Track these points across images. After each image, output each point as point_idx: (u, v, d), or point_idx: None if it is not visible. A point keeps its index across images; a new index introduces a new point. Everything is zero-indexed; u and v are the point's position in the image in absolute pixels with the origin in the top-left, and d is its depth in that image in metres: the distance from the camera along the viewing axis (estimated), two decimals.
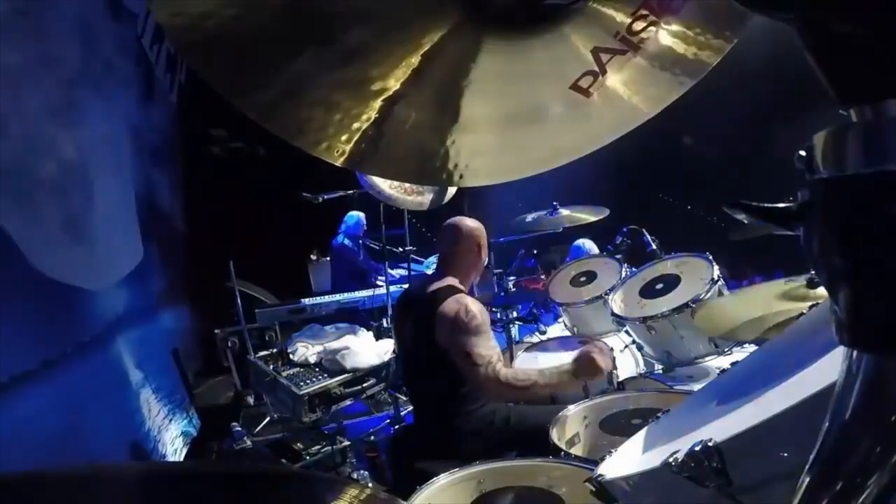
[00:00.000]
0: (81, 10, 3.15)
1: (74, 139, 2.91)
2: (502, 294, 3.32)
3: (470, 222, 2.14)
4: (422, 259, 4.55)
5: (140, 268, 3.72)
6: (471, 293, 2.19)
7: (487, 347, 1.88)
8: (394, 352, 2.91)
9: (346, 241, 4.87)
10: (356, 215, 4.83)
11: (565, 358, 2.43)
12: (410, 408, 3.50)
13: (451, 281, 2.05)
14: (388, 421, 3.47)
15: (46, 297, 2.42)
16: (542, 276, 4.03)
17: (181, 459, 3.24)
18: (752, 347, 1.79)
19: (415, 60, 0.71)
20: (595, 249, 3.75)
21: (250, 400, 4.09)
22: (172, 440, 3.35)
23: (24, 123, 2.46)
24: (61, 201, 2.71)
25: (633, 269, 2.75)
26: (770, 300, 1.63)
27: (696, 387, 2.00)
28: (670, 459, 0.67)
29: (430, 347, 1.93)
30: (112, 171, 3.49)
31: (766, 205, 0.41)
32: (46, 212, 2.56)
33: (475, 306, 1.93)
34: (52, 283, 2.45)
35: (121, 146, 3.80)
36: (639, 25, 0.75)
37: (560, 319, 2.95)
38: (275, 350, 3.00)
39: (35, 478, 0.58)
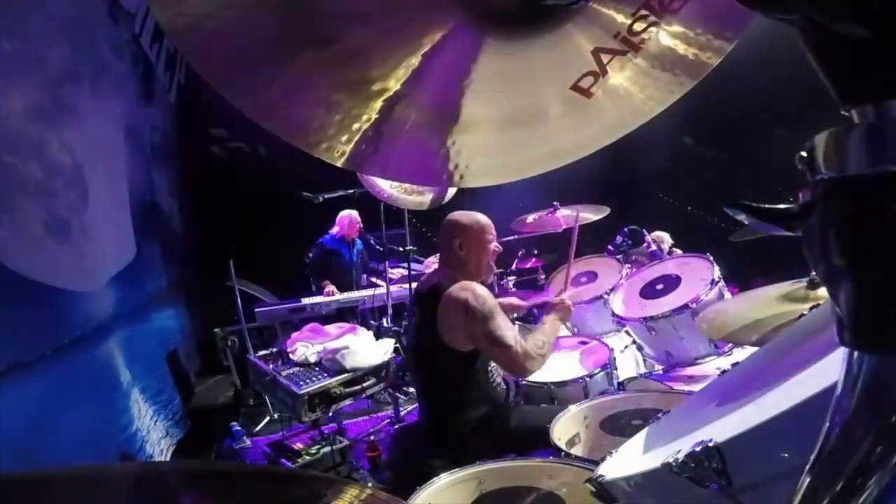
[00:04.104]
0: (73, 10, 3.13)
1: (61, 139, 2.89)
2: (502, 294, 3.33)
3: (460, 215, 2.09)
4: (422, 259, 4.55)
5: (132, 268, 3.71)
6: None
7: (509, 327, 1.87)
8: (394, 351, 2.92)
9: (331, 240, 4.86)
10: (347, 214, 4.81)
11: (565, 358, 2.43)
12: (410, 407, 3.51)
13: (446, 275, 2.03)
14: (388, 421, 3.47)
15: (23, 299, 2.40)
16: (543, 276, 4.02)
17: (166, 460, 3.23)
18: (752, 348, 1.79)
19: (415, 60, 0.71)
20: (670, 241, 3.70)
21: (250, 399, 4.09)
22: (158, 441, 3.34)
23: (6, 123, 2.45)
24: (44, 202, 2.70)
25: (634, 269, 2.75)
26: (771, 302, 1.63)
27: (697, 387, 2.00)
28: (671, 460, 0.67)
29: (431, 344, 1.92)
30: (104, 171, 3.47)
31: (766, 205, 0.41)
32: (27, 213, 2.54)
33: (481, 290, 1.91)
34: (31, 284, 2.43)
35: (115, 146, 3.79)
36: (639, 26, 0.75)
37: None
38: (274, 349, 3.00)
39: (35, 478, 0.58)
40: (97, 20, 3.54)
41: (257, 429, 3.70)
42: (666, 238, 3.67)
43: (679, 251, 3.37)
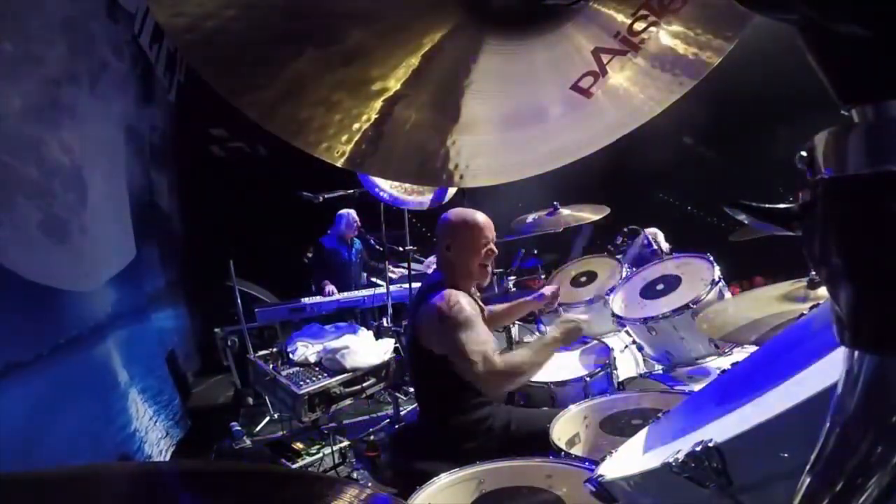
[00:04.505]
0: (71, 10, 3.13)
1: (60, 140, 2.89)
2: (503, 294, 3.33)
3: (451, 215, 1.99)
4: (422, 259, 4.55)
5: (132, 268, 3.71)
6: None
7: (479, 342, 1.75)
8: (394, 351, 2.92)
9: (330, 240, 4.87)
10: (346, 214, 4.82)
11: (565, 358, 2.43)
12: (410, 407, 3.51)
13: (440, 278, 1.98)
14: (388, 421, 3.47)
15: (20, 299, 2.41)
16: (543, 276, 4.02)
17: (165, 460, 3.24)
18: (752, 348, 1.79)
19: (415, 61, 0.71)
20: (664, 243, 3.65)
21: (250, 399, 4.09)
22: (157, 441, 3.33)
23: (4, 123, 2.45)
24: (42, 202, 2.69)
25: (634, 270, 2.75)
26: (771, 302, 1.63)
27: (696, 387, 2.00)
28: (670, 460, 0.67)
29: (417, 349, 1.91)
30: (103, 171, 3.48)
31: (766, 205, 0.41)
32: (25, 213, 2.54)
33: (461, 298, 1.82)
34: (28, 284, 2.44)
35: (114, 146, 3.78)
36: (639, 26, 0.75)
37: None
38: (274, 349, 3.00)
39: (33, 478, 0.58)
40: (96, 20, 3.54)
41: (257, 429, 3.70)
42: (659, 235, 3.66)
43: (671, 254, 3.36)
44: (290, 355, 2.82)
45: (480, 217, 1.98)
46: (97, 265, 3.21)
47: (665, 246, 3.35)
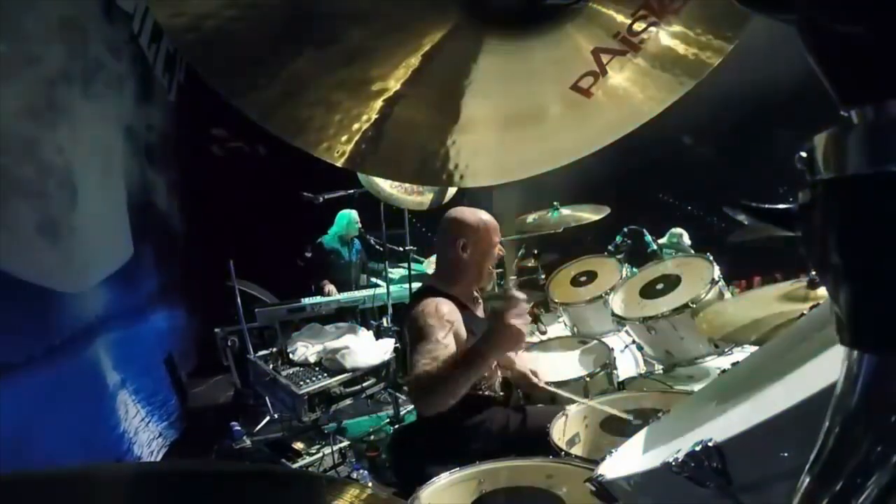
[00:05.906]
0: (68, 10, 3.13)
1: (55, 140, 2.88)
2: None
3: (464, 214, 1.93)
4: (422, 259, 4.55)
5: (130, 268, 3.70)
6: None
7: (423, 352, 1.67)
8: (394, 350, 2.92)
9: (330, 240, 4.87)
10: (347, 214, 4.82)
11: (565, 358, 2.43)
12: (410, 407, 3.51)
13: (433, 282, 1.95)
14: (388, 421, 3.47)
15: (13, 299, 2.41)
16: (543, 276, 4.03)
17: (165, 460, 3.23)
18: (752, 348, 1.79)
19: (415, 61, 0.71)
20: (687, 240, 3.67)
21: (250, 399, 4.09)
22: (149, 442, 3.33)
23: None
24: (37, 203, 2.69)
25: (634, 269, 2.75)
26: (771, 301, 1.63)
27: (696, 387, 2.00)
28: (670, 459, 0.67)
29: (408, 352, 1.90)
30: (100, 171, 3.47)
31: (766, 205, 0.41)
32: (19, 213, 2.54)
33: (434, 308, 1.75)
34: (22, 284, 2.44)
35: (111, 146, 3.78)
36: (639, 26, 0.75)
37: (560, 319, 2.95)
38: (274, 349, 3.00)
39: (34, 478, 0.58)
40: (93, 20, 3.53)
41: (257, 429, 3.70)
42: (685, 235, 3.70)
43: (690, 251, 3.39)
44: (290, 355, 2.83)
45: (490, 217, 1.94)
46: (92, 265, 3.20)
47: (686, 240, 3.39)
